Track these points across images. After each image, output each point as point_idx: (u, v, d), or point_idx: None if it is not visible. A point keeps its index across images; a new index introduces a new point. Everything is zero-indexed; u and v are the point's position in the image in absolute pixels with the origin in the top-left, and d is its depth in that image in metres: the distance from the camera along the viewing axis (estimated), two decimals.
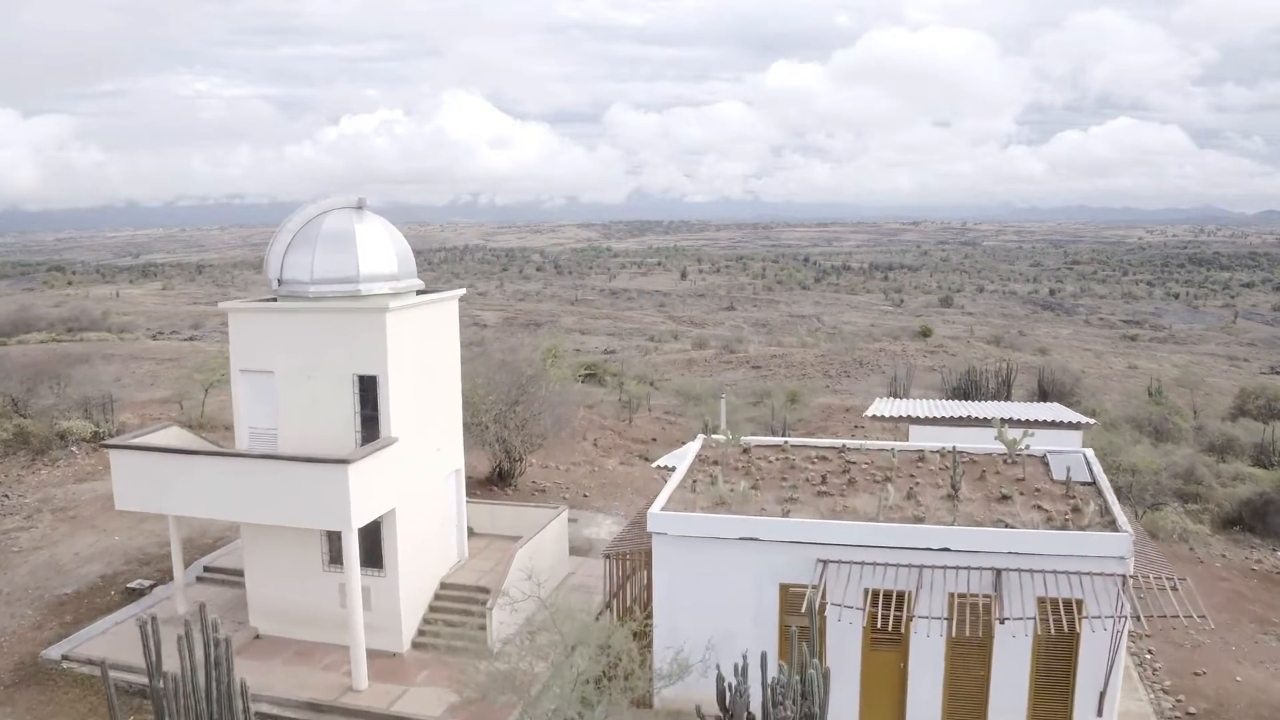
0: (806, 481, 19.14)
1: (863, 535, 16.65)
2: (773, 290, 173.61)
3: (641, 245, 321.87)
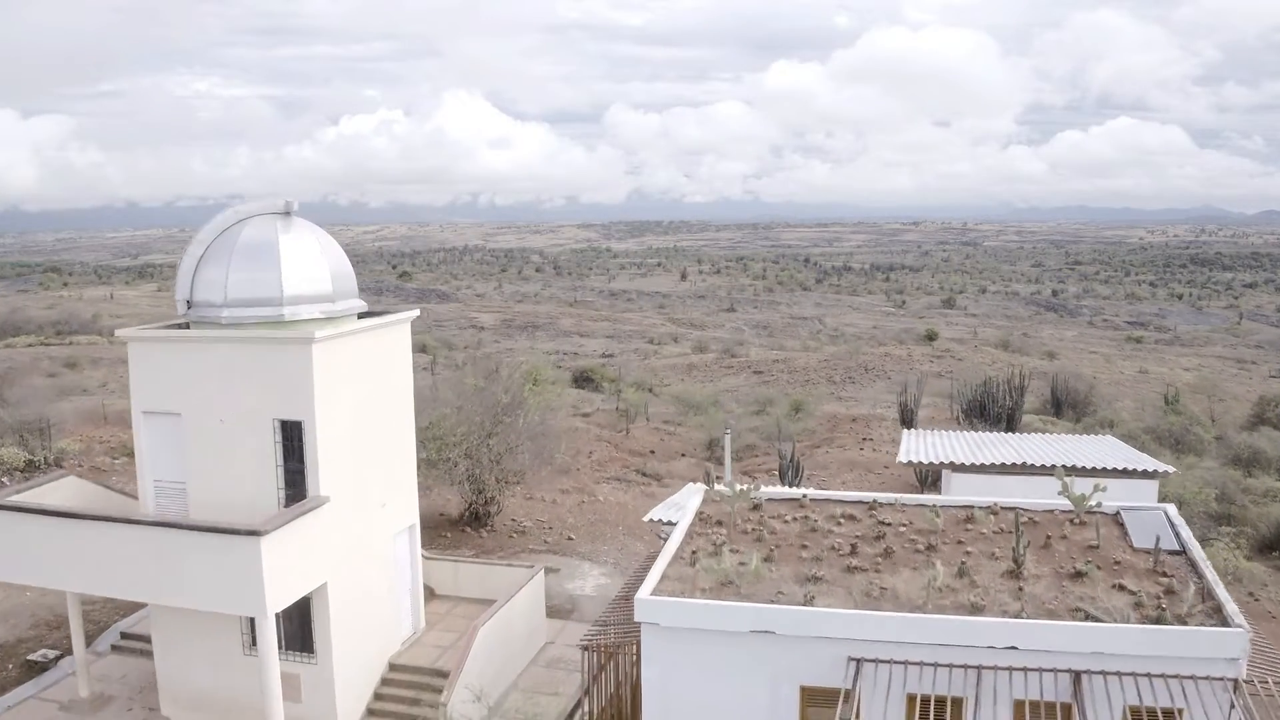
0: (832, 550, 15.67)
1: (907, 629, 13.21)
2: (773, 291, 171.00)
3: (641, 246, 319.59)
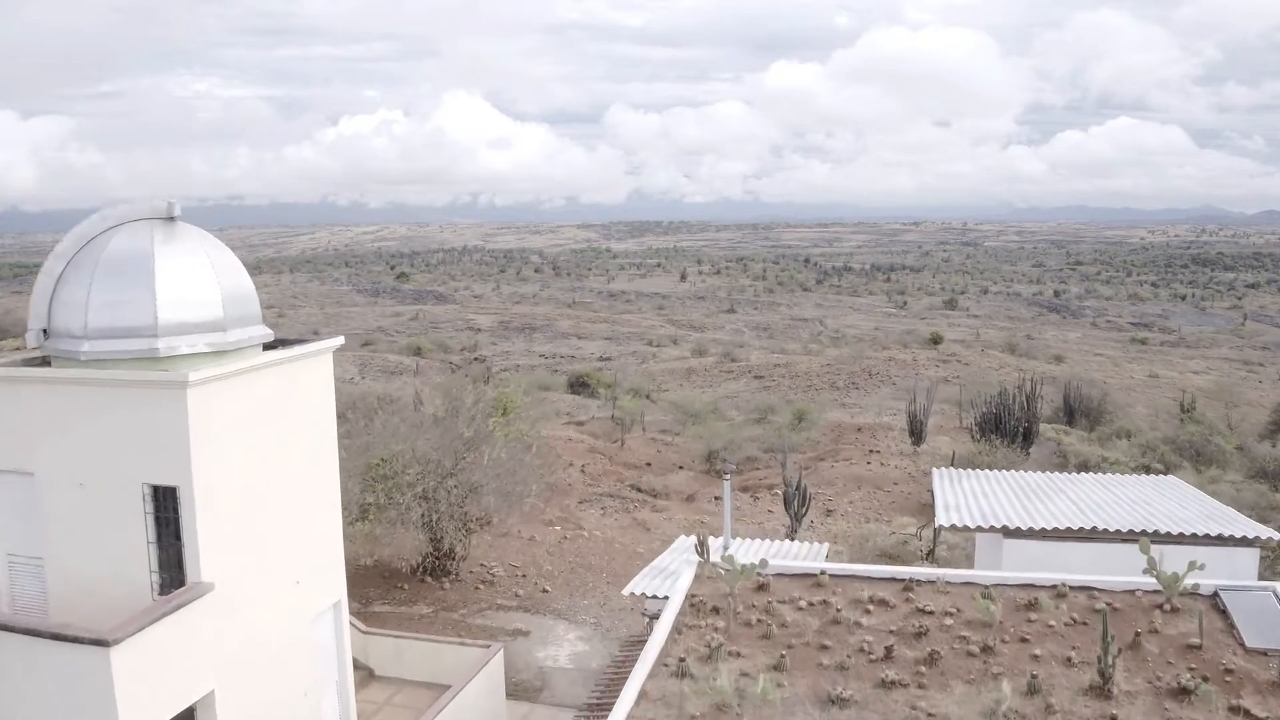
0: (861, 653, 11.46)
1: None
2: (774, 292, 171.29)
3: (641, 246, 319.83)
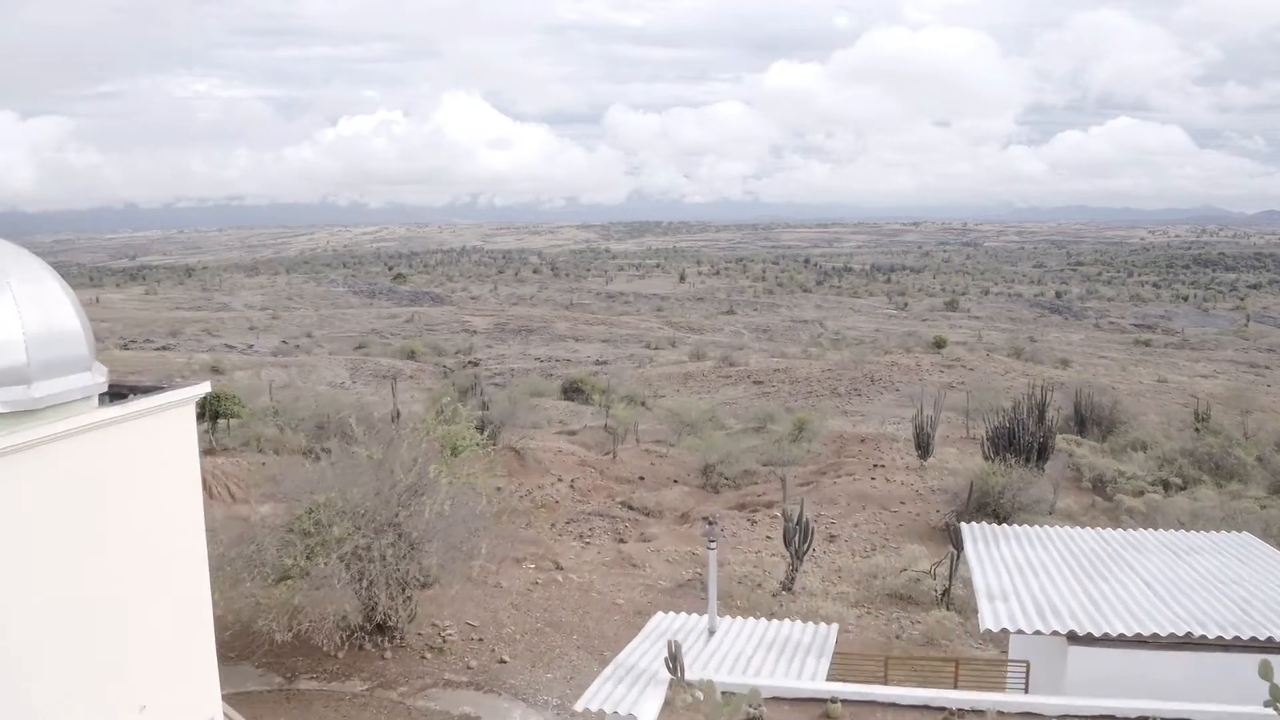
0: None
1: None
2: (773, 293, 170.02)
3: (640, 246, 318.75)
